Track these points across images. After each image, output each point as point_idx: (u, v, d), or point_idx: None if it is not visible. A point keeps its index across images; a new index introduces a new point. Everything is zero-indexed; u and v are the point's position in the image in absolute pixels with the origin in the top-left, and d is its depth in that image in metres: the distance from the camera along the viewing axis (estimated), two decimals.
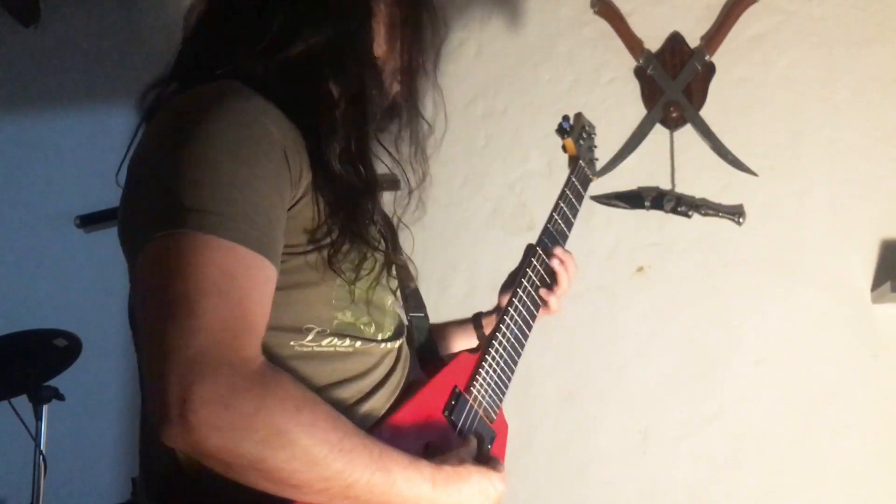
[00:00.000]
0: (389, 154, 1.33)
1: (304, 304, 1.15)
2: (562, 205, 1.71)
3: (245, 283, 1.01)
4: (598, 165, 1.93)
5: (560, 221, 1.68)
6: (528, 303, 1.51)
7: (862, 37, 2.81)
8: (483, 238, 2.99)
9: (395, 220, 1.36)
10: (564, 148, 1.81)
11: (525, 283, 1.52)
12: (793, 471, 2.68)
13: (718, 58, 2.88)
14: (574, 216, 1.73)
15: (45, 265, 3.30)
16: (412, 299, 1.43)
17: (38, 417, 2.60)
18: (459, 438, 1.30)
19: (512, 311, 1.47)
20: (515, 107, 3.02)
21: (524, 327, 1.48)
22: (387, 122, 1.33)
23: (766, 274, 2.77)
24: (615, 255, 2.86)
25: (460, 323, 1.67)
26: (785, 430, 2.70)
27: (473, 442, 1.30)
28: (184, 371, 0.95)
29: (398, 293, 1.36)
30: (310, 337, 1.16)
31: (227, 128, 1.06)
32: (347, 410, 1.16)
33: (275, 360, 1.10)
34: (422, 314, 1.45)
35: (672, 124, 2.88)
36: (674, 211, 2.81)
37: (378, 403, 1.22)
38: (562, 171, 2.93)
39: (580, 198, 1.76)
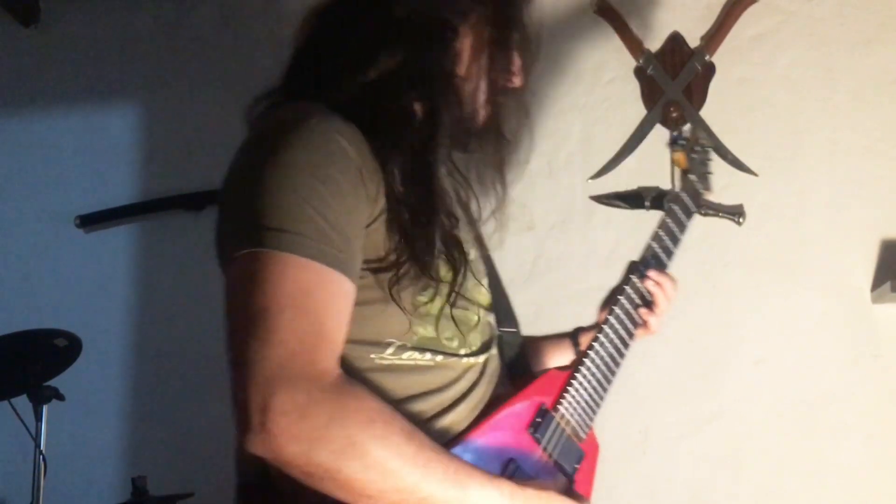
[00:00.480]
0: (463, 177, 1.38)
1: (385, 318, 1.18)
2: (668, 220, 1.67)
3: (321, 298, 1.06)
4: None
5: (665, 237, 1.63)
6: (626, 321, 1.48)
7: (862, 37, 2.81)
8: (483, 238, 2.98)
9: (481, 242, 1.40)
10: (674, 161, 1.78)
11: (623, 301, 1.49)
12: (793, 471, 2.68)
13: (718, 58, 2.88)
14: (682, 231, 1.68)
15: (45, 265, 3.30)
16: (503, 314, 1.42)
17: (38, 417, 2.60)
18: (543, 456, 1.29)
19: (607, 329, 1.45)
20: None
21: (620, 346, 1.46)
22: (474, 145, 1.35)
23: (766, 274, 2.77)
24: (615, 255, 2.86)
25: (557, 337, 1.65)
26: (785, 430, 2.70)
27: (562, 480, 1.30)
28: (263, 383, 1.01)
29: (490, 307, 1.36)
30: (390, 350, 1.18)
31: (305, 148, 1.11)
32: (427, 423, 1.18)
33: (355, 373, 1.14)
34: (513, 329, 1.44)
35: (672, 124, 2.88)
36: None
37: (458, 417, 1.23)
38: (562, 171, 2.97)
39: (689, 213, 1.73)
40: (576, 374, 1.38)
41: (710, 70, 2.89)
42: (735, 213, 2.79)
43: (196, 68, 3.29)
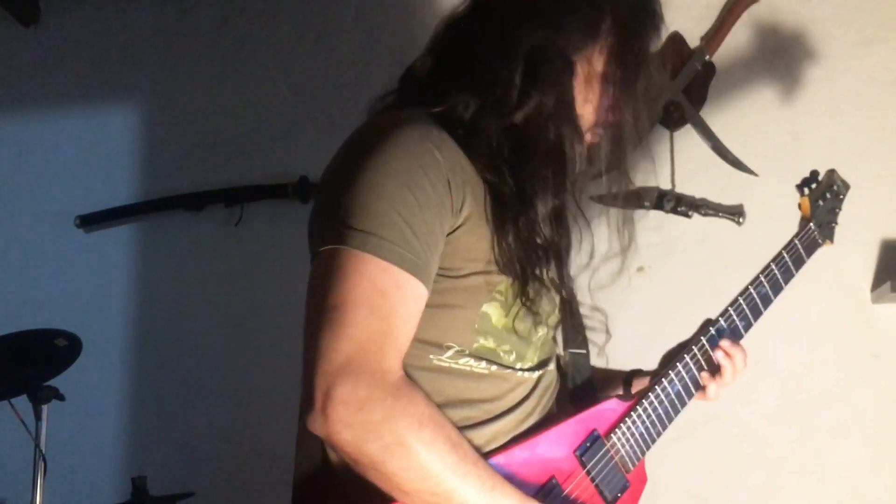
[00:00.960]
0: (581, 213, 1.41)
1: (449, 323, 1.24)
2: (773, 268, 1.63)
3: (395, 301, 1.13)
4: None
5: (766, 284, 1.61)
6: (688, 379, 1.49)
7: (862, 37, 2.81)
8: None
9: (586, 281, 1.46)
10: (799, 206, 1.72)
11: (692, 356, 1.50)
12: (793, 471, 2.68)
13: (718, 58, 2.88)
14: (786, 282, 1.63)
15: (45, 265, 3.29)
16: (574, 336, 1.48)
17: (38, 417, 2.59)
18: (585, 480, 1.32)
19: (673, 376, 1.48)
20: None
21: (679, 399, 1.48)
22: (585, 180, 1.38)
23: None
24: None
25: (612, 372, 1.68)
26: (785, 430, 2.70)
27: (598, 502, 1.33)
28: (331, 371, 1.10)
29: (558, 328, 1.43)
30: (448, 354, 1.24)
31: (399, 155, 1.17)
32: (471, 429, 1.24)
33: (412, 370, 1.21)
34: (582, 350, 1.50)
35: (672, 124, 2.88)
36: (674, 211, 2.81)
37: (505, 427, 1.28)
38: None
39: (800, 262, 1.66)
40: (637, 407, 1.42)
41: (710, 70, 2.89)
42: (735, 213, 2.81)
43: (196, 68, 3.29)
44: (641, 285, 2.84)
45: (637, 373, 1.65)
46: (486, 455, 1.24)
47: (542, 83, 1.26)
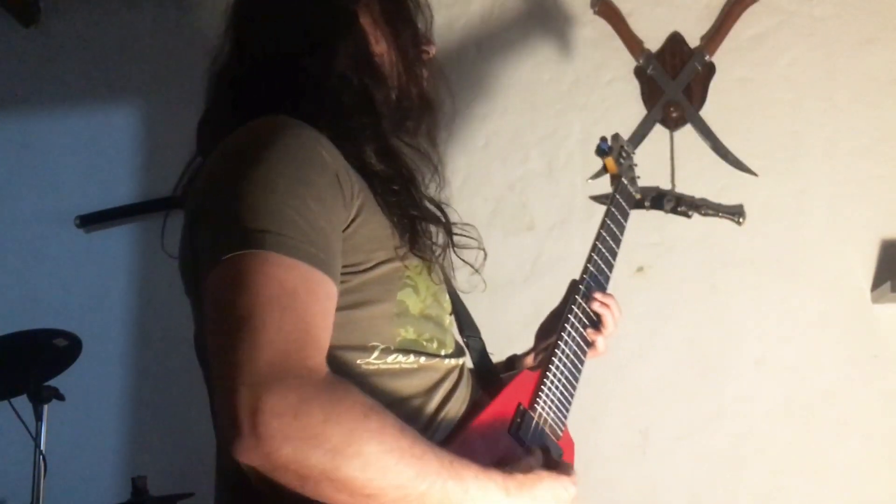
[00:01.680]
0: (409, 146, 1.37)
1: (368, 322, 1.18)
2: (608, 222, 1.70)
3: (306, 298, 1.04)
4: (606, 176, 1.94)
5: (604, 251, 1.66)
6: (579, 339, 1.51)
7: (862, 37, 2.81)
8: (483, 238, 2.98)
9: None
10: (605, 168, 1.84)
11: (575, 316, 1.53)
12: (793, 471, 2.68)
13: (718, 58, 2.88)
14: (621, 233, 1.72)
15: (45, 265, 3.29)
16: (465, 321, 1.45)
17: (38, 417, 2.60)
18: (525, 452, 1.30)
19: (566, 338, 1.49)
20: (515, 107, 3.02)
21: (577, 360, 1.49)
22: (411, 125, 1.37)
23: (766, 274, 2.77)
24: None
25: (502, 363, 1.65)
26: (785, 430, 2.70)
27: (538, 452, 1.30)
28: (253, 384, 0.97)
29: (451, 313, 1.39)
30: (375, 354, 1.18)
31: (285, 155, 1.11)
32: (417, 426, 1.16)
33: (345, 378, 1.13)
34: (476, 336, 1.46)
35: (672, 124, 2.88)
36: (674, 211, 2.80)
37: (445, 419, 1.24)
38: (562, 171, 2.97)
39: (626, 215, 1.76)
40: (547, 374, 1.41)
41: (710, 70, 2.89)
42: (735, 213, 2.80)
43: (196, 68, 3.28)
44: (641, 285, 2.84)
45: (513, 359, 1.64)
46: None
47: (328, 43, 1.26)
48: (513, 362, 1.63)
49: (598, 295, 1.56)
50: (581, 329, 1.51)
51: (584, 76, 2.98)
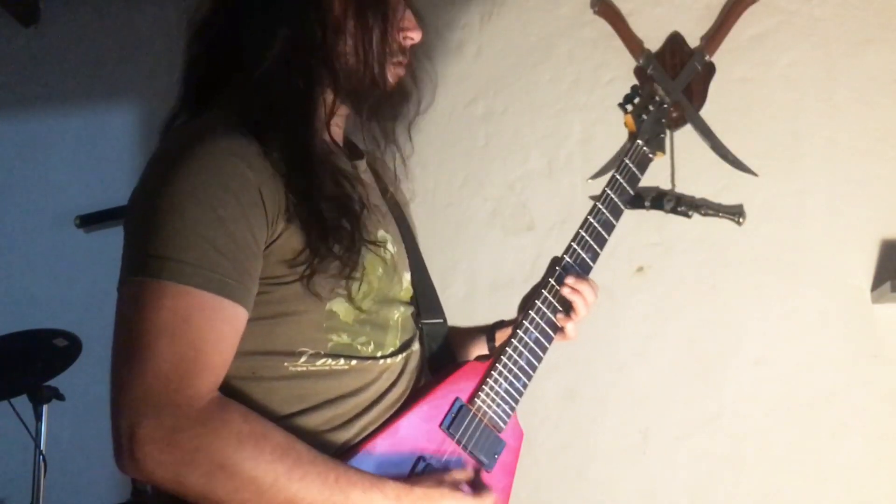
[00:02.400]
0: (369, 144, 1.36)
1: (296, 329, 1.19)
2: (609, 193, 1.53)
3: (200, 325, 1.08)
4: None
5: (605, 211, 1.52)
6: (543, 325, 1.44)
7: (862, 37, 2.81)
8: (483, 238, 2.99)
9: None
10: (625, 124, 1.64)
11: (540, 304, 1.44)
12: (793, 471, 2.68)
13: (718, 58, 2.88)
14: (624, 203, 1.55)
15: (45, 265, 3.30)
16: (427, 304, 1.41)
17: (38, 417, 2.60)
18: (457, 450, 1.31)
19: (528, 325, 1.41)
20: (515, 107, 3.02)
21: (537, 349, 1.42)
22: (369, 111, 1.31)
23: (766, 274, 2.77)
24: (615, 255, 2.85)
25: (476, 330, 1.62)
26: (785, 430, 2.70)
27: (469, 467, 1.30)
28: (131, 410, 1.07)
29: (411, 301, 1.36)
30: (303, 359, 1.20)
31: (197, 173, 1.11)
32: (342, 427, 1.21)
33: (270, 381, 1.18)
34: (438, 320, 1.43)
35: (672, 124, 2.88)
36: (674, 211, 2.81)
37: (374, 417, 1.25)
38: (562, 171, 2.97)
39: (634, 181, 1.56)
40: (496, 366, 1.37)
41: (710, 70, 2.89)
42: (735, 213, 2.81)
43: None
44: (641, 285, 2.84)
45: (499, 324, 1.58)
46: (351, 449, 1.21)
47: (291, 32, 1.21)
48: (495, 329, 1.59)
49: (569, 280, 1.44)
50: (550, 314, 1.43)
51: (584, 76, 2.98)
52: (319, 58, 1.23)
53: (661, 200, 2.82)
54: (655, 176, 2.87)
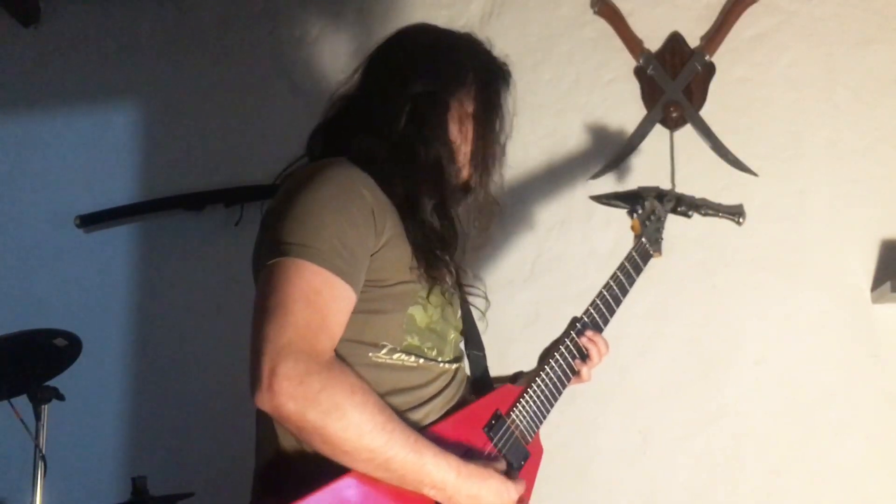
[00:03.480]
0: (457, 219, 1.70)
1: (382, 325, 1.49)
2: (619, 275, 1.93)
3: (327, 298, 1.37)
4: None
5: (615, 287, 1.90)
6: (564, 366, 1.76)
7: (862, 37, 2.81)
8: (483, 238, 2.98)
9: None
10: (631, 227, 2.08)
11: (566, 347, 1.77)
12: (793, 471, 2.68)
13: (718, 58, 2.88)
14: (630, 285, 1.95)
15: (45, 265, 3.30)
16: (473, 339, 1.75)
17: (38, 417, 2.59)
18: (493, 451, 1.57)
19: (552, 363, 1.74)
20: (515, 107, 3.01)
21: (558, 384, 1.73)
22: (460, 200, 1.68)
23: (766, 274, 2.77)
24: (615, 255, 2.84)
25: (502, 379, 1.86)
26: (785, 430, 2.70)
27: (503, 461, 1.57)
28: (275, 352, 1.31)
29: (462, 333, 1.69)
30: (384, 351, 1.49)
31: (328, 189, 1.45)
32: (408, 412, 1.49)
33: (357, 366, 1.44)
34: (480, 353, 1.75)
35: (672, 124, 2.88)
36: (674, 211, 2.80)
37: (432, 409, 1.53)
38: (562, 171, 2.97)
39: (638, 269, 1.99)
40: (528, 389, 1.68)
41: (710, 70, 2.89)
42: (735, 213, 2.80)
43: (196, 68, 3.29)
44: (641, 285, 2.83)
45: (519, 374, 1.87)
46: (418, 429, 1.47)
47: (421, 120, 1.58)
48: (517, 377, 1.86)
49: (589, 332, 1.81)
50: (570, 358, 1.76)
51: (584, 76, 2.99)
52: (433, 144, 1.59)
53: (661, 200, 2.82)
54: (655, 176, 2.87)
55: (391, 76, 1.63)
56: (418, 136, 1.58)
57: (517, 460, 1.61)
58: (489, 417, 1.59)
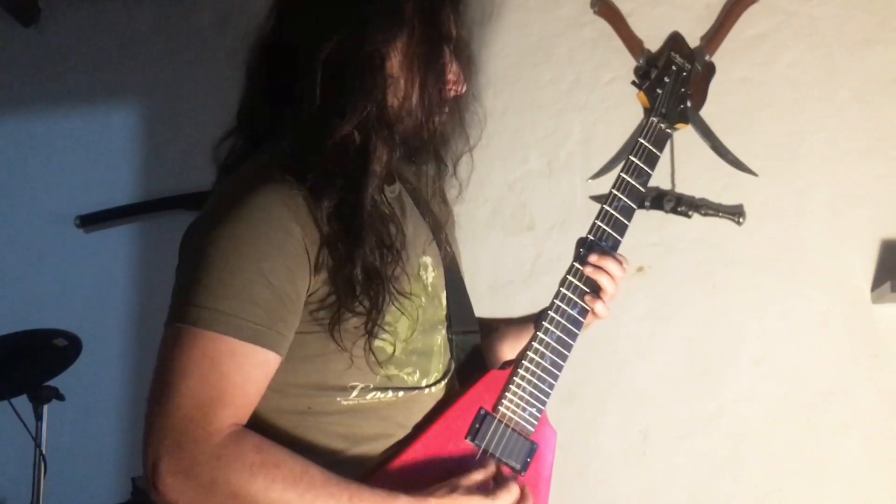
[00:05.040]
0: (416, 198, 1.43)
1: (345, 366, 1.27)
2: (625, 178, 1.50)
3: (227, 368, 1.17)
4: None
5: (615, 209, 1.50)
6: (571, 307, 1.43)
7: (862, 37, 2.81)
8: (483, 238, 2.99)
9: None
10: (639, 99, 1.59)
11: (569, 284, 1.44)
12: (793, 471, 2.68)
13: (718, 58, 2.88)
14: (644, 181, 1.51)
15: (45, 265, 3.30)
16: (459, 316, 1.46)
17: (38, 417, 2.60)
18: (485, 459, 1.35)
19: (553, 315, 1.43)
20: (515, 107, 3.02)
21: (565, 337, 1.43)
22: (419, 158, 1.39)
23: (766, 274, 2.77)
24: None
25: (523, 322, 1.61)
26: (785, 430, 2.70)
27: (491, 466, 1.34)
28: (156, 444, 1.15)
29: (447, 316, 1.42)
30: (354, 394, 1.28)
31: (245, 227, 1.20)
32: (393, 455, 1.29)
33: (325, 416, 1.27)
34: (470, 329, 1.47)
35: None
36: (674, 211, 2.81)
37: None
38: (562, 171, 2.97)
39: (653, 159, 1.52)
40: (518, 370, 1.39)
41: (710, 70, 2.89)
42: (735, 213, 2.81)
43: (196, 68, 3.29)
44: (641, 285, 2.84)
45: (525, 320, 1.59)
46: (375, 469, 1.28)
47: (341, 89, 1.26)
48: (524, 321, 1.60)
49: (592, 258, 1.44)
50: (577, 299, 1.43)
51: (584, 76, 2.98)
52: (374, 110, 1.27)
53: (661, 200, 2.82)
54: (656, 176, 2.86)
55: (300, 27, 1.31)
56: (335, 110, 1.25)
57: (520, 460, 1.38)
58: (472, 420, 1.35)
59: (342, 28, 1.26)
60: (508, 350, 1.58)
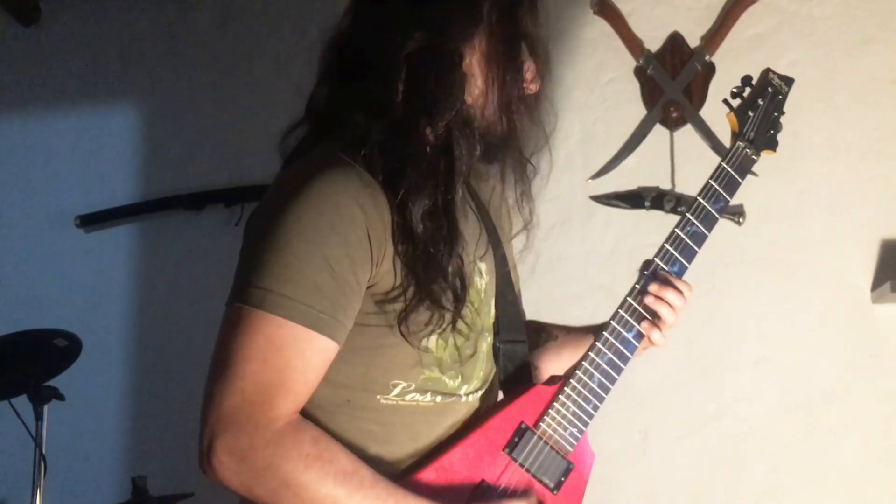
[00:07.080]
0: (478, 202, 1.43)
1: (391, 361, 1.27)
2: (702, 203, 1.49)
3: (289, 354, 1.17)
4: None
5: (685, 236, 1.49)
6: (627, 331, 1.40)
7: (862, 37, 2.81)
8: None
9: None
10: (729, 122, 1.55)
11: (628, 306, 1.41)
12: (793, 471, 2.68)
13: (718, 58, 2.88)
14: (722, 209, 1.49)
15: (45, 265, 3.30)
16: (508, 324, 1.45)
17: (38, 417, 2.59)
18: (520, 474, 1.33)
19: (608, 336, 1.40)
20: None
21: (617, 360, 1.40)
22: (495, 156, 1.39)
23: (766, 274, 2.77)
24: (615, 255, 2.86)
25: (583, 332, 1.60)
26: (785, 430, 2.70)
27: (530, 492, 1.33)
28: (215, 423, 1.16)
29: (496, 324, 1.41)
30: (395, 392, 1.28)
31: (309, 212, 1.19)
32: (424, 460, 1.29)
33: (360, 410, 1.27)
34: (518, 339, 1.46)
35: (672, 124, 2.88)
36: (674, 211, 2.81)
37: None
38: (562, 171, 2.97)
39: (733, 185, 1.51)
40: (563, 389, 1.37)
41: (710, 70, 2.89)
42: (735, 213, 2.81)
43: (196, 68, 3.29)
44: None
45: (587, 330, 1.60)
46: (413, 473, 1.27)
47: (426, 87, 1.26)
48: (586, 331, 1.59)
49: (653, 287, 1.42)
50: (634, 322, 1.40)
51: (584, 76, 2.98)
52: (452, 113, 1.26)
53: (661, 200, 2.82)
54: (655, 176, 2.87)
55: (381, 24, 1.29)
56: (422, 108, 1.25)
57: (554, 478, 1.35)
58: (511, 433, 1.33)
59: (423, 26, 1.26)
60: (567, 359, 1.54)
